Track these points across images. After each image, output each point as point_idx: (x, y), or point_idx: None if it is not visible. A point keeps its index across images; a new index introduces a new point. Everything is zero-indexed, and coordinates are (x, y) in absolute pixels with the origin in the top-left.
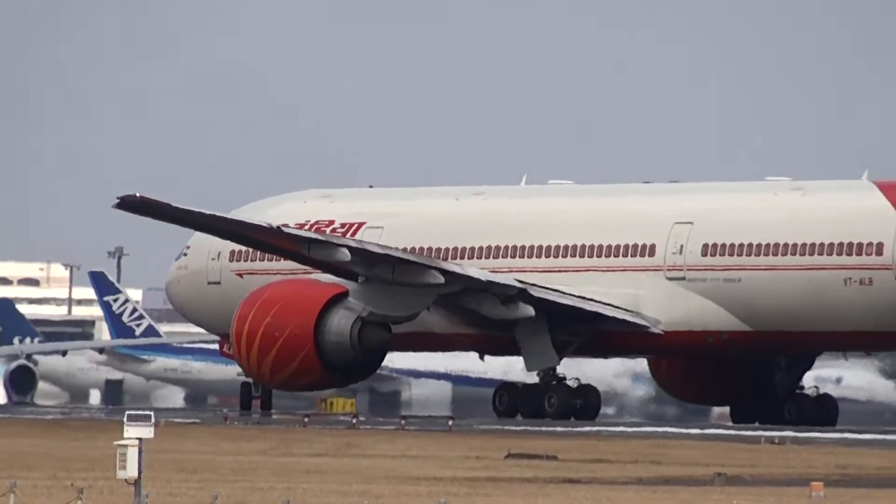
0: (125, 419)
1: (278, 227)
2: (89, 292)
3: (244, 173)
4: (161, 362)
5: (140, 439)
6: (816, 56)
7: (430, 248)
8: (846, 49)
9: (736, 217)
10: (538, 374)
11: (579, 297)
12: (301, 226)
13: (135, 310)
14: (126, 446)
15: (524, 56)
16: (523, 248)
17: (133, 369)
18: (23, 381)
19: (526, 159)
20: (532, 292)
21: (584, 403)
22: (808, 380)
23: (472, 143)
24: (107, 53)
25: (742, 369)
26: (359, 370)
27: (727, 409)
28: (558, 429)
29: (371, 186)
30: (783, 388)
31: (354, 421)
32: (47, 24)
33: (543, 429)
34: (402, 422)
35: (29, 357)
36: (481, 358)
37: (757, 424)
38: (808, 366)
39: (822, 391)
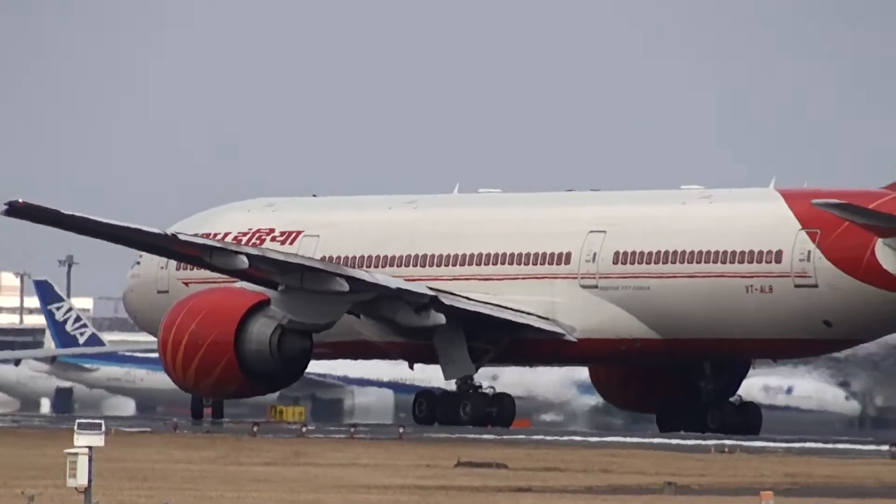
0: (75, 427)
1: (173, 234)
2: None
3: (189, 184)
4: (104, 371)
5: (90, 447)
6: (737, 62)
7: (361, 257)
8: (765, 53)
9: (646, 225)
10: (456, 382)
11: (494, 304)
12: (243, 234)
13: (78, 318)
14: (76, 454)
15: (468, 63)
16: (449, 256)
17: (77, 378)
18: None
19: (459, 168)
20: (443, 300)
21: (499, 411)
22: (757, 389)
23: (409, 151)
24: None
25: (674, 377)
26: (280, 378)
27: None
28: (508, 437)
29: (315, 195)
30: (708, 395)
31: (303, 430)
32: None
33: (494, 437)
34: (352, 430)
35: None
36: (410, 367)
37: (682, 433)
38: (739, 374)
39: (766, 400)
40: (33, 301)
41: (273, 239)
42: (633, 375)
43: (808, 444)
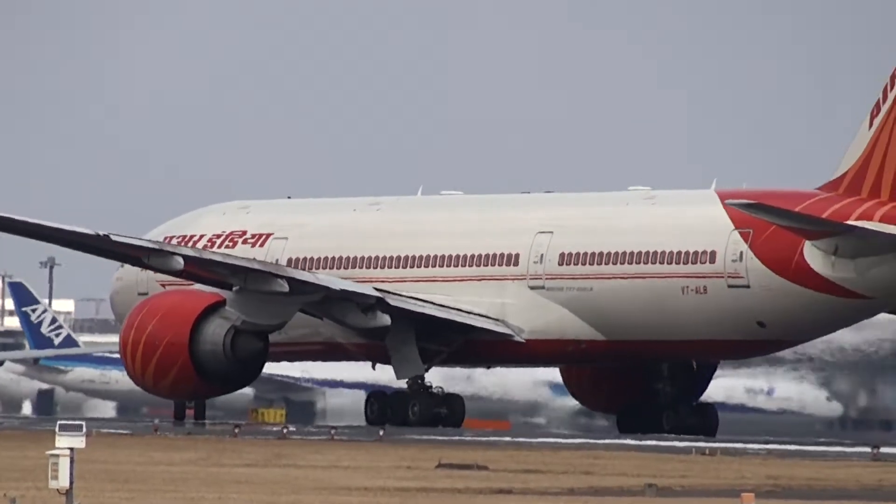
0: (57, 429)
1: (105, 235)
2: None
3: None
4: (78, 373)
5: (72, 449)
6: (707, 63)
7: (325, 258)
8: (732, 54)
9: (590, 226)
10: (407, 382)
11: (442, 306)
12: (217, 237)
13: (54, 320)
14: (58, 456)
15: (439, 66)
16: (408, 258)
17: (51, 380)
18: None
19: (423, 169)
20: (389, 301)
21: (448, 412)
22: (739, 390)
23: (382, 153)
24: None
25: (636, 378)
26: (235, 379)
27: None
28: (490, 439)
29: (289, 197)
30: (665, 397)
31: (285, 431)
32: None
33: (475, 439)
34: (333, 432)
35: None
36: (373, 367)
37: (639, 434)
38: (704, 376)
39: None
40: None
41: (245, 241)
42: (603, 377)
43: (789, 447)
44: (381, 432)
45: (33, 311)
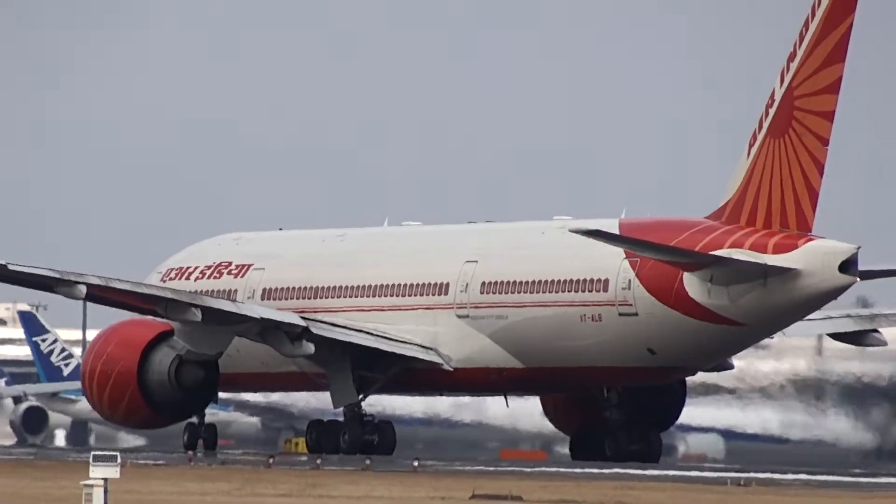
0: (91, 459)
1: (2, 265)
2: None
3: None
4: (86, 403)
5: (106, 479)
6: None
7: (291, 288)
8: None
9: (508, 255)
10: (343, 410)
11: (371, 334)
12: (208, 267)
13: (63, 349)
14: (92, 486)
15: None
16: (358, 287)
17: (62, 409)
18: (34, 421)
19: (390, 201)
20: (313, 329)
21: (379, 439)
22: (774, 422)
23: (343, 184)
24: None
25: (589, 404)
26: (183, 408)
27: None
28: (525, 469)
29: (281, 229)
30: (614, 423)
31: (319, 461)
32: None
33: (509, 469)
34: (367, 462)
35: None
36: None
37: (585, 462)
38: (669, 403)
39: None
40: None
41: (229, 272)
42: (567, 401)
43: (823, 477)
44: (415, 463)
45: (43, 340)
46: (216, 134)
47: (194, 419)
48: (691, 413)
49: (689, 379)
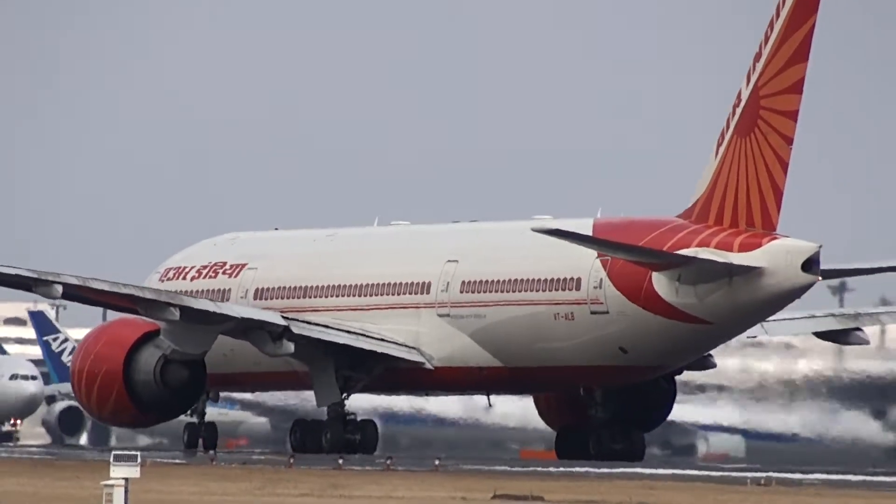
0: (112, 459)
1: None
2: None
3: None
4: None
5: (126, 479)
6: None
7: (281, 288)
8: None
9: (486, 255)
10: (327, 409)
11: (352, 333)
12: (204, 267)
13: (74, 349)
14: (113, 486)
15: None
16: (345, 286)
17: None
18: (71, 421)
19: (380, 200)
20: (293, 329)
21: (362, 438)
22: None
23: (334, 184)
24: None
25: (574, 402)
26: (170, 408)
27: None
28: (549, 469)
29: (276, 229)
30: (598, 422)
31: (340, 461)
32: None
33: (531, 469)
34: (388, 461)
35: None
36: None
37: (572, 460)
38: (654, 402)
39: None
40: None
41: (224, 272)
42: (566, 402)
43: (844, 477)
44: (437, 462)
45: (54, 339)
46: (216, 134)
47: (194, 419)
48: (712, 413)
49: (707, 380)
